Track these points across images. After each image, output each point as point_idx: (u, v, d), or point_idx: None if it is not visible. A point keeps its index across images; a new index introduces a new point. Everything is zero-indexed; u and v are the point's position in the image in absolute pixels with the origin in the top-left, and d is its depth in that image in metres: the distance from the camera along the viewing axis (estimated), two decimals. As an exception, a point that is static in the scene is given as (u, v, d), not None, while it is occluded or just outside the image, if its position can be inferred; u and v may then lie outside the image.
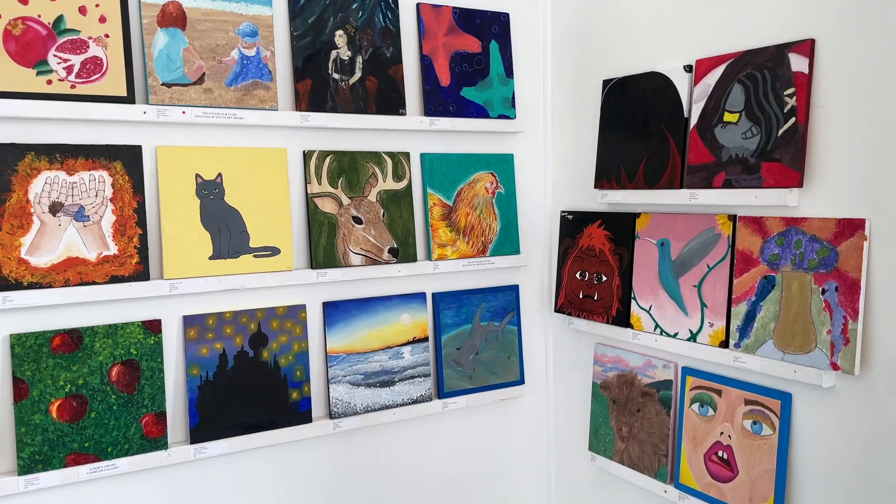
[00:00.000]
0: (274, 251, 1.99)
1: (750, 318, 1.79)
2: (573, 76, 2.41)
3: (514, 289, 2.45)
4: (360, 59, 2.10)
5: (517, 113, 2.42)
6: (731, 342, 1.84)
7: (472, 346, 2.35)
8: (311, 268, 2.04)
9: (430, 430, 2.33)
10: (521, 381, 2.45)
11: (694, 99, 1.92)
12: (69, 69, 1.72)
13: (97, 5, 1.75)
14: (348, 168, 2.10)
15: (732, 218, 1.86)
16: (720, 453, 1.88)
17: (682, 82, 1.95)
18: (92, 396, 1.78)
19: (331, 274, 2.05)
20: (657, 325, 2.05)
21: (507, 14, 2.39)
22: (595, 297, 2.25)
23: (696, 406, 1.95)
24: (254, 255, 1.96)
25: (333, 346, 2.10)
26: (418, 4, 2.22)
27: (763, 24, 1.79)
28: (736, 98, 1.80)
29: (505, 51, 2.37)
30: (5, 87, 1.65)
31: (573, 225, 2.36)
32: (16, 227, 1.68)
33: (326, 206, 2.07)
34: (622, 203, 2.17)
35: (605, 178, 2.20)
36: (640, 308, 2.10)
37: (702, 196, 1.88)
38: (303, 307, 2.05)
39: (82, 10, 1.74)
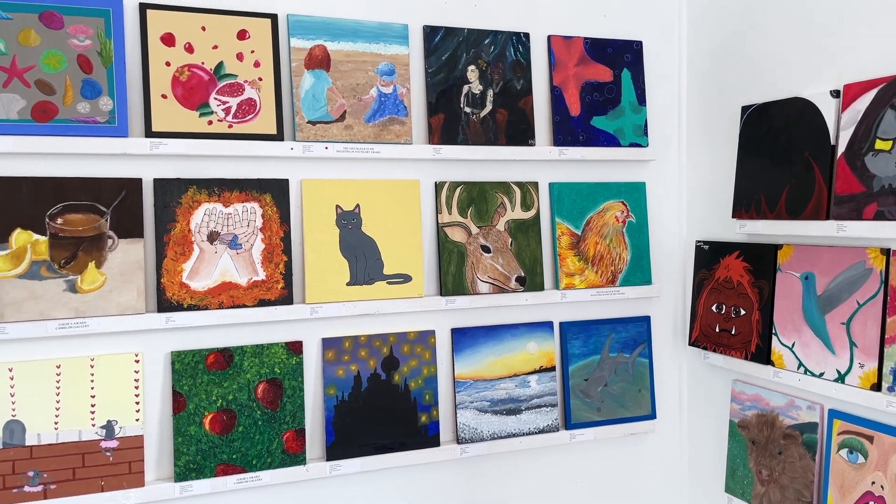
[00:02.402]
0: (406, 278, 2.07)
1: (906, 360, 1.65)
2: (710, 103, 2.34)
3: (646, 320, 2.40)
4: (490, 93, 2.16)
5: (650, 141, 2.38)
6: (885, 385, 1.70)
7: (600, 378, 2.32)
8: (441, 295, 2.11)
9: (556, 460, 2.32)
10: (652, 416, 2.38)
11: (842, 126, 1.81)
12: (227, 110, 1.89)
13: (252, 51, 1.92)
14: (478, 198, 2.16)
15: (885, 252, 1.73)
16: (872, 505, 1.74)
17: (828, 108, 1.85)
18: (240, 411, 1.92)
19: (459, 301, 2.10)
20: (801, 364, 1.93)
21: (640, 42, 2.36)
22: (732, 332, 2.16)
23: (844, 452, 1.82)
24: (387, 282, 2.05)
25: (461, 371, 2.15)
26: (549, 37, 2.25)
27: (921, 44, 1.67)
28: (889, 125, 1.69)
29: (637, 79, 2.35)
30: (173, 127, 1.84)
31: (709, 255, 2.28)
32: (179, 254, 1.86)
33: (456, 235, 2.13)
34: (762, 234, 2.08)
35: (745, 207, 2.11)
36: (782, 345, 1.99)
37: (850, 228, 1.76)
38: (432, 333, 2.11)
39: (239, 56, 1.91)
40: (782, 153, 1.99)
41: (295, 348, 1.98)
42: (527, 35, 2.22)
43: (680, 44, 2.44)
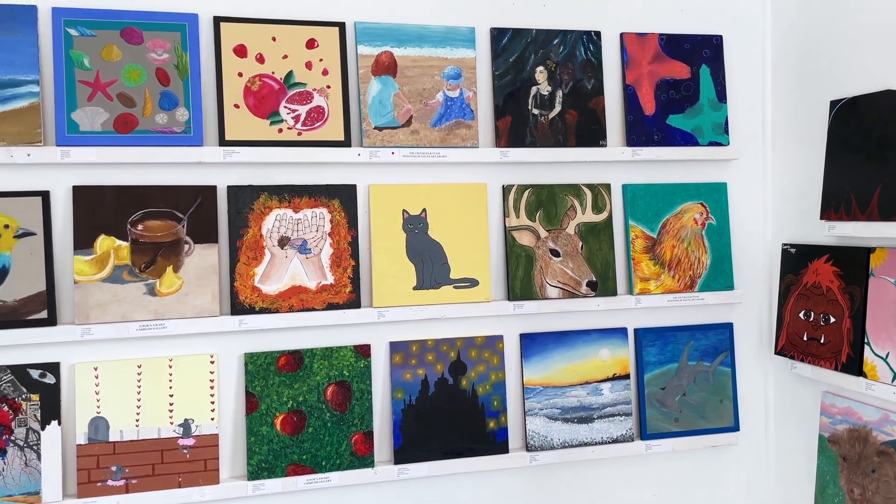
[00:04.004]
0: (473, 283, 2.05)
1: None
2: (796, 98, 2.22)
3: (728, 327, 2.29)
4: (560, 94, 2.11)
5: (731, 139, 2.27)
6: None
7: (678, 387, 2.23)
8: (509, 299, 2.08)
9: (631, 472, 2.24)
10: (735, 428, 2.27)
11: (940, 118, 1.67)
12: (296, 118, 1.93)
13: (321, 59, 1.96)
14: (546, 201, 2.12)
15: None
16: (978, 533, 1.59)
17: (924, 99, 1.72)
18: (310, 413, 1.96)
19: (527, 306, 2.07)
20: (896, 376, 1.80)
21: (720, 36, 2.26)
22: (822, 341, 2.03)
23: (945, 473, 1.67)
24: (454, 287, 2.04)
25: (530, 377, 2.11)
26: (622, 34, 2.19)
27: None
28: None
29: (717, 75, 2.25)
30: (245, 136, 1.90)
31: (796, 259, 2.16)
32: (251, 258, 1.92)
33: (524, 238, 2.10)
34: (853, 236, 1.94)
35: (833, 208, 1.99)
36: (875, 355, 1.85)
37: (951, 229, 1.63)
38: (500, 338, 2.09)
39: (308, 65, 1.95)
40: (874, 150, 1.85)
41: (363, 351, 2.00)
42: (598, 33, 2.16)
43: (763, 36, 2.32)
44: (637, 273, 2.18)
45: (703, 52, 2.25)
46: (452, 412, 2.04)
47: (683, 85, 2.23)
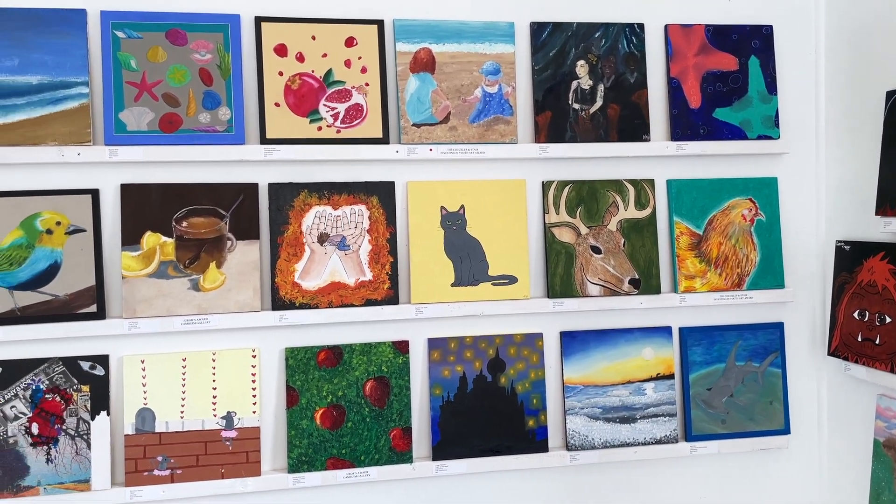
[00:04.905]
0: (511, 280, 2.04)
1: None
2: (850, 89, 2.13)
3: (778, 327, 2.21)
4: (601, 88, 2.08)
5: (781, 133, 2.20)
6: None
7: (725, 388, 2.17)
8: (548, 297, 2.06)
9: (675, 474, 2.19)
10: (785, 431, 2.20)
11: None
12: (335, 116, 1.95)
13: (360, 58, 1.97)
14: (587, 197, 2.08)
15: None
16: None
17: None
18: (349, 408, 1.97)
19: (567, 304, 2.04)
20: (956, 379, 1.71)
21: (770, 27, 2.19)
22: (877, 342, 1.95)
23: None
24: (492, 283, 2.03)
25: (570, 376, 2.08)
26: (666, 26, 2.14)
27: None
28: None
29: (767, 66, 2.18)
30: (285, 134, 1.92)
31: (850, 257, 2.07)
32: (291, 255, 1.94)
33: (564, 235, 2.07)
34: (911, 232, 1.86)
35: (890, 203, 1.90)
36: (934, 357, 1.77)
37: None
38: (539, 335, 2.07)
39: (347, 63, 1.96)
40: (933, 141, 1.77)
41: (401, 347, 2.00)
42: (641, 26, 2.12)
43: (816, 25, 2.23)
44: (682, 270, 2.13)
45: (752, 42, 2.18)
46: (491, 410, 2.03)
47: (731, 77, 2.16)
